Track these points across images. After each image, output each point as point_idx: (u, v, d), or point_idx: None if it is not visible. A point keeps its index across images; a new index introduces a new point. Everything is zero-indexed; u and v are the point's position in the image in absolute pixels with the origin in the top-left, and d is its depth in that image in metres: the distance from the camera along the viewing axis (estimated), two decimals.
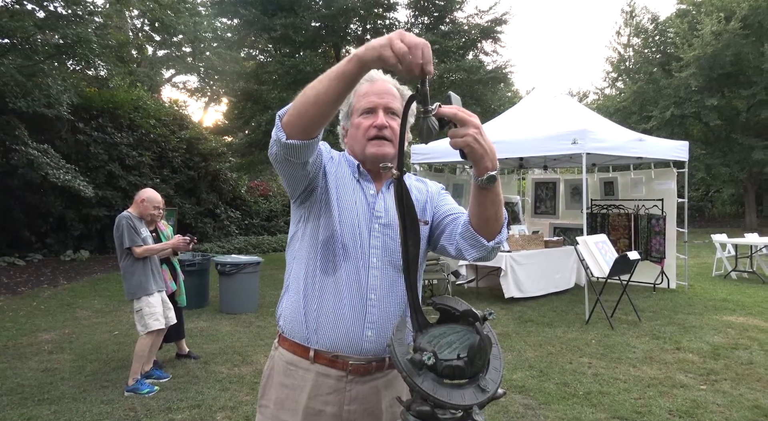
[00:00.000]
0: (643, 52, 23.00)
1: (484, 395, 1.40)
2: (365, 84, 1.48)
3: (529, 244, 7.82)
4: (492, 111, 12.73)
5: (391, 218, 1.50)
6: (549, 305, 7.02)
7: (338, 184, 1.49)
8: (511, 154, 7.87)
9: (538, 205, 10.00)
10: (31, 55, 9.02)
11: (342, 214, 1.46)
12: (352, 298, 1.42)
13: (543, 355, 4.86)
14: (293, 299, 1.48)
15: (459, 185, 9.21)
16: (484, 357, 1.44)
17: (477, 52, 13.25)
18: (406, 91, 1.51)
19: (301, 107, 1.20)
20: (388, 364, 1.48)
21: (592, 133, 6.74)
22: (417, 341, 1.52)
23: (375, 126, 1.44)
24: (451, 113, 1.18)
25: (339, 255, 1.44)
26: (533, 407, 3.65)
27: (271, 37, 11.54)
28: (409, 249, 1.56)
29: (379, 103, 1.46)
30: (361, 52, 1.15)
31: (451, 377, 1.43)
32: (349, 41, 13.14)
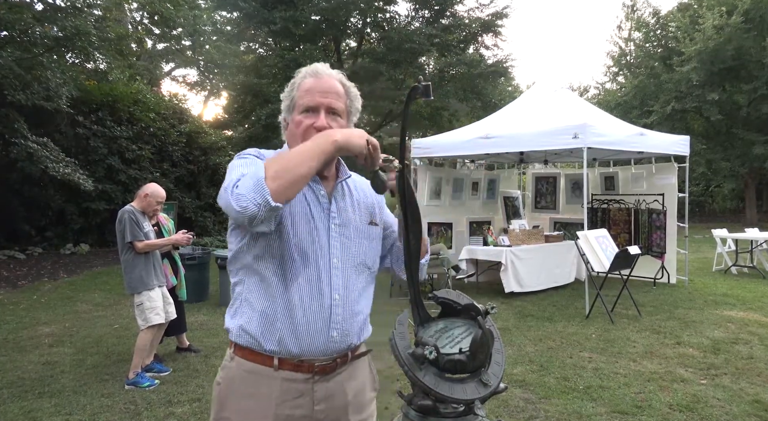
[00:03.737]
0: (644, 47, 22.91)
1: (486, 390, 1.39)
2: (309, 79, 1.43)
3: (529, 238, 7.81)
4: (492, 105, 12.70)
5: (345, 218, 1.49)
6: (549, 300, 7.02)
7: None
8: (511, 149, 7.86)
9: (538, 200, 9.98)
10: (30, 48, 8.97)
11: (296, 221, 1.41)
12: (316, 303, 1.39)
13: (543, 349, 4.86)
14: (251, 313, 1.41)
15: (459, 180, 9.19)
16: (486, 351, 1.43)
17: (478, 46, 13.22)
18: (353, 89, 1.49)
19: (293, 179, 1.25)
20: (351, 356, 1.50)
21: (593, 127, 6.72)
22: (418, 335, 1.52)
23: (315, 127, 1.38)
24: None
25: (298, 262, 1.39)
26: (533, 402, 3.65)
27: (271, 30, 11.51)
28: (411, 243, 1.55)
29: (321, 103, 1.41)
30: (342, 141, 1.28)
31: (453, 371, 1.42)
32: (349, 35, 13.10)
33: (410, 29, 12.20)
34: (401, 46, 11.38)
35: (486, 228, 8.43)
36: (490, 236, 7.89)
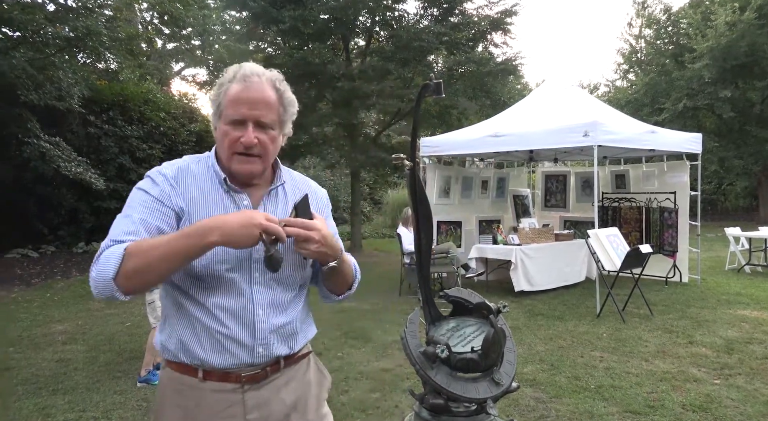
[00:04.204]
0: (655, 44, 22.68)
1: (498, 389, 1.38)
2: (237, 85, 1.30)
3: (539, 237, 7.77)
4: (502, 103, 12.64)
5: None
6: (559, 299, 6.98)
7: (201, 208, 1.35)
8: (521, 147, 7.83)
9: (548, 199, 9.93)
10: (42, 48, 9.06)
11: None
12: (237, 319, 1.33)
13: (554, 348, 4.83)
14: (170, 330, 1.37)
15: (468, 178, 9.16)
16: (498, 350, 1.42)
17: (487, 44, 13.12)
18: (287, 94, 1.37)
19: (148, 280, 1.23)
20: (284, 363, 1.42)
21: (604, 125, 6.67)
22: (430, 333, 1.51)
23: (242, 143, 1.29)
24: (294, 233, 1.28)
25: (217, 278, 1.32)
26: (544, 401, 3.63)
27: (280, 29, 11.50)
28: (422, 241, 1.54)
29: (248, 116, 1.29)
30: (221, 241, 1.20)
31: (465, 370, 1.41)
32: (357, 33, 13.06)
33: (419, 27, 12.16)
34: (410, 45, 11.34)
35: (495, 227, 8.40)
36: (500, 235, 7.86)
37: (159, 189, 1.33)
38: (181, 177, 1.36)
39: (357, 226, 12.96)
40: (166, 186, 1.34)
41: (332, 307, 6.71)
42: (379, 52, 12.69)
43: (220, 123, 1.33)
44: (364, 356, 4.74)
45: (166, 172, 1.36)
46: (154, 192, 1.32)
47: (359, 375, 4.24)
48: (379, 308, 6.75)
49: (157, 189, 1.33)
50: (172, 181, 1.35)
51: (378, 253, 12.67)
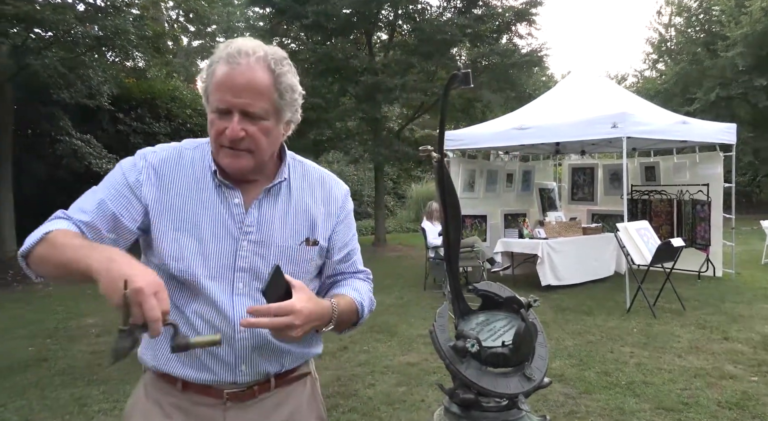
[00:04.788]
0: (686, 32, 22.05)
1: (530, 384, 1.36)
2: (224, 66, 1.10)
3: (566, 231, 7.65)
4: (527, 96, 12.45)
5: (266, 233, 1.22)
6: (587, 293, 6.87)
7: (183, 203, 1.19)
8: (547, 140, 7.71)
9: (575, 192, 9.76)
10: (73, 48, 9.26)
11: (197, 233, 1.18)
12: (218, 332, 1.17)
13: (582, 343, 4.76)
14: (145, 341, 1.25)
15: (493, 171, 9.07)
16: (529, 345, 1.40)
17: (511, 36, 12.94)
18: (287, 77, 1.14)
19: (49, 272, 1.10)
20: (275, 382, 1.26)
21: (633, 116, 6.52)
22: (459, 327, 1.49)
23: (227, 137, 1.11)
24: (268, 326, 1.05)
25: (196, 284, 1.17)
26: (573, 397, 3.58)
27: (303, 24, 11.53)
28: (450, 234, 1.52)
29: (234, 105, 1.10)
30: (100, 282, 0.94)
31: (495, 364, 1.39)
32: (380, 27, 13.02)
33: (442, 20, 12.05)
34: (433, 38, 11.25)
35: (521, 220, 8.30)
36: (526, 229, 7.77)
37: (136, 175, 1.19)
38: (168, 166, 1.21)
39: (381, 220, 12.97)
40: (144, 174, 1.19)
41: None
42: (402, 46, 12.63)
43: (208, 108, 1.16)
44: (389, 350, 4.75)
45: (152, 159, 1.21)
46: (129, 176, 1.19)
47: (385, 369, 4.24)
48: (403, 303, 6.74)
49: (133, 174, 1.19)
50: (155, 169, 1.20)
51: (402, 247, 12.66)
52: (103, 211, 1.15)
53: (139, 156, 1.23)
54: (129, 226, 1.16)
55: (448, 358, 1.38)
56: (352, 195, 1.47)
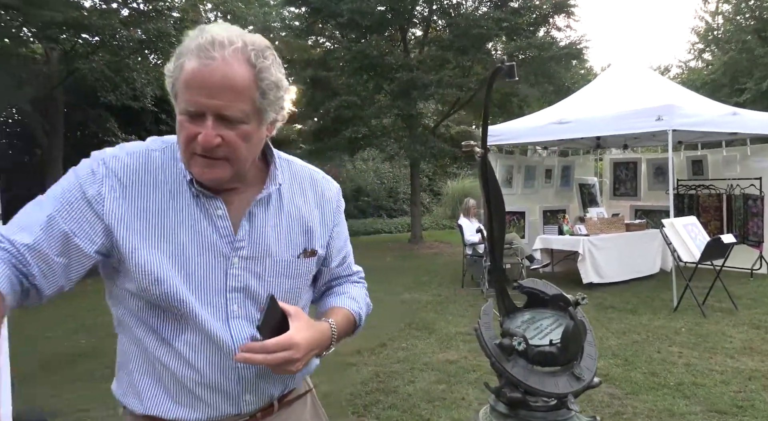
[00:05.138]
0: (734, 20, 21.08)
1: (579, 384, 1.32)
2: (194, 60, 0.91)
3: (608, 227, 7.45)
4: (566, 89, 12.19)
5: (260, 247, 1.06)
6: (631, 291, 6.67)
7: (157, 220, 1.00)
8: (587, 134, 7.52)
9: (617, 187, 9.49)
10: (118, 51, 9.61)
11: (176, 258, 1.00)
12: (217, 362, 1.03)
13: (627, 343, 4.62)
14: (128, 378, 1.09)
15: (531, 167, 8.91)
16: (578, 344, 1.36)
17: (549, 28, 12.68)
18: (270, 72, 0.95)
19: None
20: (278, 405, 1.15)
21: (680, 108, 6.29)
22: (504, 325, 1.47)
23: (200, 144, 0.93)
24: (268, 362, 0.96)
25: (185, 311, 1.01)
26: (619, 397, 3.48)
27: (338, 22, 11.60)
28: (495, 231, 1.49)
29: (207, 107, 0.91)
30: None
31: (543, 363, 1.37)
32: (415, 23, 12.96)
33: (477, 14, 11.91)
34: (468, 32, 11.12)
35: (561, 217, 8.13)
36: (566, 225, 7.60)
37: (96, 187, 0.97)
38: (135, 174, 1.00)
39: (417, 217, 12.94)
40: (106, 185, 0.98)
41: (394, 298, 6.80)
42: (437, 42, 12.55)
43: (176, 107, 0.97)
44: (428, 347, 4.73)
45: (114, 165, 0.99)
46: (88, 188, 0.97)
47: (424, 366, 4.23)
48: (441, 300, 6.70)
49: (93, 186, 0.97)
50: (119, 178, 0.99)
51: (438, 244, 12.59)
52: (51, 230, 0.93)
53: (98, 161, 1.00)
54: (85, 248, 0.95)
55: (494, 356, 1.36)
56: (387, 192, 1.32)
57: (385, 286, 7.59)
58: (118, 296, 1.07)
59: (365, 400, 3.61)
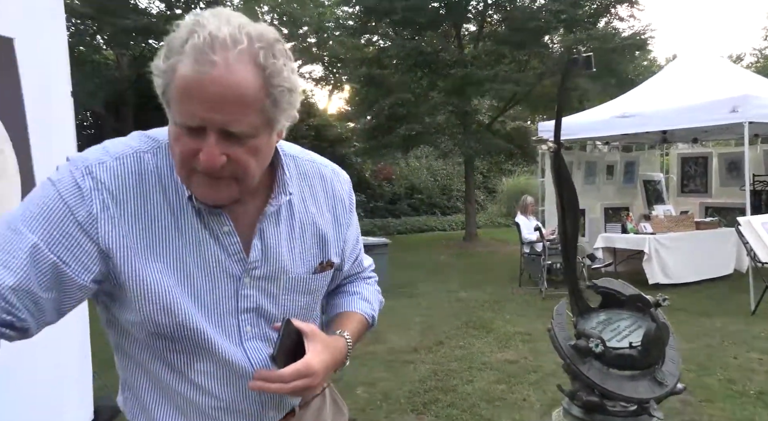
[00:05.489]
0: None
1: (661, 389, 1.27)
2: (191, 64, 0.74)
3: (676, 225, 7.10)
4: (629, 82, 11.67)
5: (273, 265, 0.95)
6: (703, 293, 6.33)
7: (159, 238, 0.87)
8: (653, 128, 7.19)
9: (685, 183, 9.03)
10: None
11: (182, 281, 0.89)
12: (237, 386, 0.96)
13: (700, 347, 4.39)
14: (142, 402, 0.99)
15: (591, 163, 8.62)
16: (660, 347, 1.31)
17: (611, 19, 12.19)
18: (283, 77, 0.80)
19: None
20: (298, 410, 1.08)
21: (758, 98, 5.91)
22: (578, 326, 1.42)
23: (201, 163, 0.79)
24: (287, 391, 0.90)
25: (197, 339, 0.91)
26: (693, 404, 3.31)
27: (392, 20, 11.61)
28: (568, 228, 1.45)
29: (209, 122, 0.77)
30: None
31: (621, 366, 1.32)
32: (469, 19, 12.80)
33: (534, 7, 11.61)
34: (525, 26, 10.87)
35: (624, 214, 7.81)
36: (630, 223, 7.30)
37: (87, 207, 0.82)
38: (128, 185, 0.85)
39: (471, 215, 12.78)
40: (97, 202, 0.82)
41: (450, 296, 6.75)
42: (492, 37, 12.34)
43: (169, 116, 0.82)
44: (486, 347, 4.67)
45: (103, 176, 0.84)
46: (77, 209, 0.81)
47: (483, 366, 4.18)
48: (498, 298, 6.60)
49: (83, 206, 0.82)
50: (110, 191, 0.84)
51: (494, 242, 12.40)
52: (39, 262, 0.78)
53: (81, 171, 0.83)
54: (79, 279, 0.82)
55: (568, 357, 1.32)
56: (441, 190, 1.18)
57: (440, 284, 7.55)
58: (114, 325, 0.95)
59: (424, 398, 3.60)
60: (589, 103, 12.23)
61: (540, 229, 6.87)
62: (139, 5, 8.63)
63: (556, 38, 13.23)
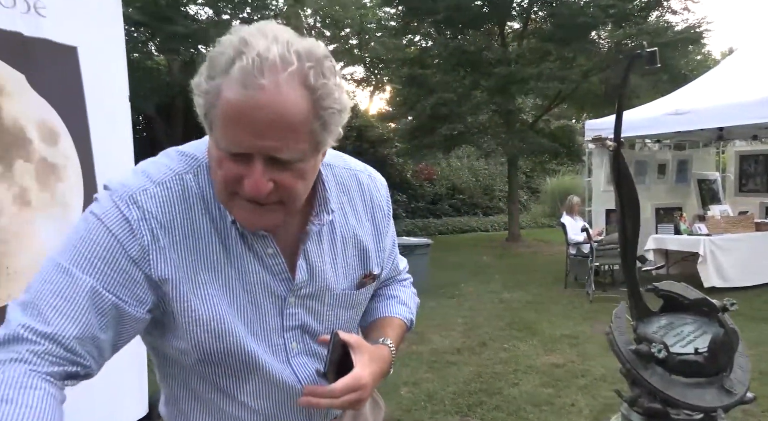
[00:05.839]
0: None
1: (730, 398, 1.22)
2: (236, 88, 0.71)
3: (734, 226, 6.78)
4: (682, 77, 11.22)
5: (318, 283, 0.94)
6: (762, 297, 6.02)
7: (207, 264, 0.85)
8: (709, 125, 6.89)
9: (743, 183, 8.62)
10: None
11: (231, 305, 0.88)
12: (286, 404, 0.96)
13: (761, 354, 4.18)
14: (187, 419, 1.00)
15: (641, 162, 8.32)
16: (729, 354, 1.25)
17: (663, 12, 11.74)
18: (334, 94, 0.76)
19: None
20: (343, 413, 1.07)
21: None
22: (638, 330, 1.38)
23: (246, 191, 0.77)
24: (340, 405, 0.90)
25: (245, 363, 0.91)
26: (755, 415, 3.15)
27: (435, 20, 11.56)
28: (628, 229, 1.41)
29: (256, 149, 0.74)
30: None
31: (685, 373, 1.27)
32: (513, 17, 12.60)
33: (582, 2, 11.32)
34: (572, 22, 10.60)
35: (677, 215, 7.51)
36: (684, 224, 7.02)
37: (138, 242, 0.80)
38: (175, 211, 0.83)
39: (515, 215, 12.59)
40: (147, 235, 0.81)
41: (493, 297, 6.67)
42: (537, 34, 12.11)
43: (211, 140, 0.79)
44: (531, 349, 4.59)
45: (148, 204, 0.81)
46: (129, 245, 0.80)
47: (528, 369, 4.11)
48: (542, 300, 6.48)
49: (134, 241, 0.80)
50: (159, 220, 0.82)
51: (537, 243, 12.18)
52: (97, 305, 0.77)
53: (126, 201, 0.81)
54: (137, 314, 0.81)
55: (629, 362, 1.28)
56: (483, 190, 1.13)
57: (483, 285, 7.47)
58: (158, 348, 0.94)
59: (468, 400, 3.57)
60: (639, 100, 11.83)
61: (587, 229, 6.70)
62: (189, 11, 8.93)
63: (604, 34, 12.85)
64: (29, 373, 0.72)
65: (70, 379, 0.78)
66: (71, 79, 2.55)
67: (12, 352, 0.72)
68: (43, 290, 0.76)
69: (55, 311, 0.75)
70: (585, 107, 13.88)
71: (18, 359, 0.72)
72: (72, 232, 0.81)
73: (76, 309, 0.76)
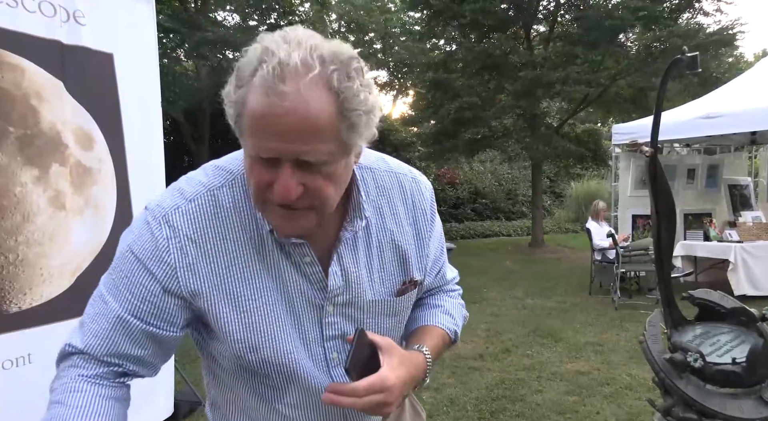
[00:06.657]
0: None
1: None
2: (261, 96, 0.71)
3: (766, 233, 6.60)
4: (714, 80, 10.96)
5: (355, 290, 0.93)
6: None
7: (244, 278, 0.87)
8: (741, 129, 6.73)
9: None
10: None
11: (271, 317, 0.89)
12: (322, 415, 0.97)
13: None
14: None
15: (670, 166, 8.13)
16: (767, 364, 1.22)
17: (694, 14, 11.50)
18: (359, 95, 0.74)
19: None
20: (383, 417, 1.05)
21: None
22: (673, 338, 1.36)
23: (276, 195, 0.77)
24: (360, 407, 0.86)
25: (285, 374, 0.93)
26: None
27: (460, 23, 11.53)
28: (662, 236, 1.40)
29: (284, 153, 0.74)
30: None
31: (722, 383, 1.25)
32: (540, 20, 12.50)
33: (610, 5, 11.16)
34: (600, 25, 10.46)
35: (707, 221, 7.35)
36: (713, 230, 6.86)
37: (165, 266, 0.84)
38: (208, 228, 0.85)
39: (538, 220, 12.45)
40: (176, 253, 0.84)
41: (516, 303, 6.61)
42: (563, 37, 11.98)
43: (243, 145, 0.80)
44: (555, 356, 4.53)
45: (180, 223, 0.84)
46: (158, 271, 0.84)
47: (552, 376, 4.06)
48: (567, 307, 6.39)
49: (162, 266, 0.84)
50: (191, 238, 0.84)
51: (561, 248, 12.02)
52: (127, 329, 0.85)
53: (158, 222, 0.84)
54: (168, 334, 0.87)
55: (663, 371, 1.27)
56: (506, 194, 1.12)
57: (506, 290, 7.41)
58: (204, 348, 0.98)
59: (491, 406, 3.55)
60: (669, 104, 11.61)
61: (613, 235, 6.59)
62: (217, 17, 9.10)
63: (632, 36, 12.65)
64: (78, 377, 0.85)
65: (123, 377, 0.90)
66: (107, 85, 2.63)
67: (68, 361, 0.88)
68: (89, 311, 0.89)
69: (90, 332, 0.87)
70: (612, 111, 13.65)
71: (71, 365, 0.88)
72: (116, 252, 0.89)
73: (103, 332, 0.86)
